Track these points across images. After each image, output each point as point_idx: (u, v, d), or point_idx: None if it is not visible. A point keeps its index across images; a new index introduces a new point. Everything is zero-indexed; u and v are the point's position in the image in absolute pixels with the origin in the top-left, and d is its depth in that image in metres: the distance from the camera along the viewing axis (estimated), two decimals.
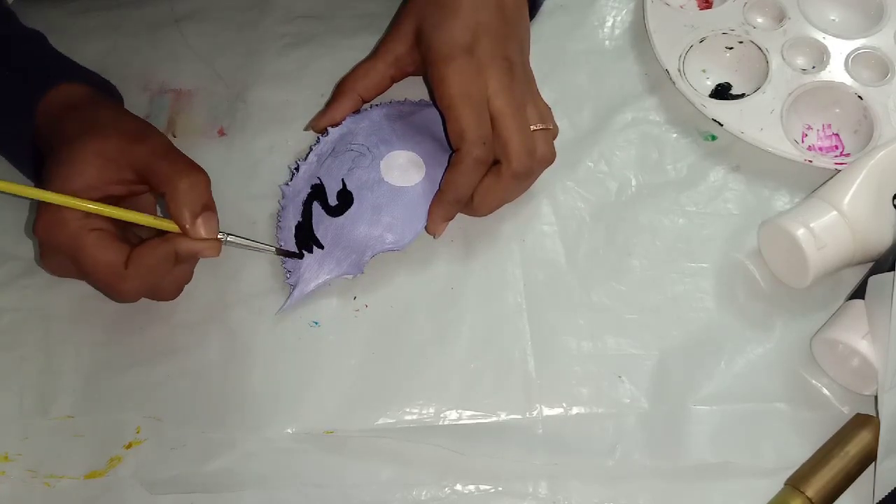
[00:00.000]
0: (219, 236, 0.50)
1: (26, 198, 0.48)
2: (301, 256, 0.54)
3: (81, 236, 0.47)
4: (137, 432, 0.50)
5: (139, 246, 0.48)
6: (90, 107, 0.53)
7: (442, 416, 0.50)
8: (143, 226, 0.50)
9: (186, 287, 0.54)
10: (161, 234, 0.50)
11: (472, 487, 0.48)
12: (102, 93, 0.56)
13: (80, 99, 0.53)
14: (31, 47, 0.57)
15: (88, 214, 0.48)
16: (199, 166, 0.50)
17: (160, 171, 0.49)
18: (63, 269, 0.50)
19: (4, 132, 0.55)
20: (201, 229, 0.49)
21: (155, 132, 0.52)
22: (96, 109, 0.53)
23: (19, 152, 0.55)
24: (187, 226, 0.48)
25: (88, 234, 0.47)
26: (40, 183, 0.49)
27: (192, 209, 0.48)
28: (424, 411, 0.50)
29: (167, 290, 0.52)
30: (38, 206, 0.48)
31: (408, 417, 0.50)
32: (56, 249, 0.48)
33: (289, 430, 0.50)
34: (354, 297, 0.54)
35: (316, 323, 0.53)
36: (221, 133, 0.61)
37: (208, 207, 0.49)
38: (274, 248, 0.53)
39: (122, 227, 0.50)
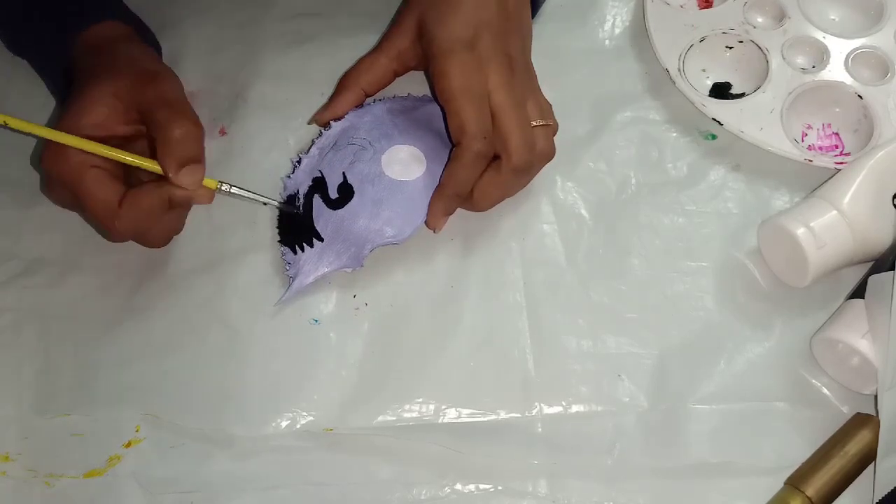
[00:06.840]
0: (222, 186, 0.52)
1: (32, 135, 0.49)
2: (300, 212, 0.55)
3: (81, 171, 0.49)
4: (137, 431, 0.50)
5: (135, 188, 0.50)
6: (120, 46, 0.55)
7: (441, 414, 0.50)
8: (145, 171, 0.51)
9: (186, 284, 0.54)
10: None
11: (471, 486, 0.48)
12: (142, 37, 0.57)
13: (116, 37, 0.55)
14: None
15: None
16: (196, 119, 0.51)
17: (157, 117, 0.50)
18: (64, 200, 0.52)
19: (48, 55, 0.58)
20: (185, 179, 0.49)
21: (169, 78, 0.53)
22: (124, 49, 0.55)
23: (55, 77, 0.58)
24: (171, 174, 0.49)
25: (88, 170, 0.49)
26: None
27: (178, 158, 0.49)
28: (424, 409, 0.50)
29: (157, 236, 0.54)
30: (47, 139, 0.49)
31: (407, 415, 0.50)
32: (58, 181, 0.50)
33: (288, 428, 0.49)
34: (354, 295, 0.54)
35: (316, 321, 0.53)
36: (223, 132, 0.61)
37: (195, 160, 0.50)
38: (276, 202, 0.54)
39: (126, 169, 0.51)
